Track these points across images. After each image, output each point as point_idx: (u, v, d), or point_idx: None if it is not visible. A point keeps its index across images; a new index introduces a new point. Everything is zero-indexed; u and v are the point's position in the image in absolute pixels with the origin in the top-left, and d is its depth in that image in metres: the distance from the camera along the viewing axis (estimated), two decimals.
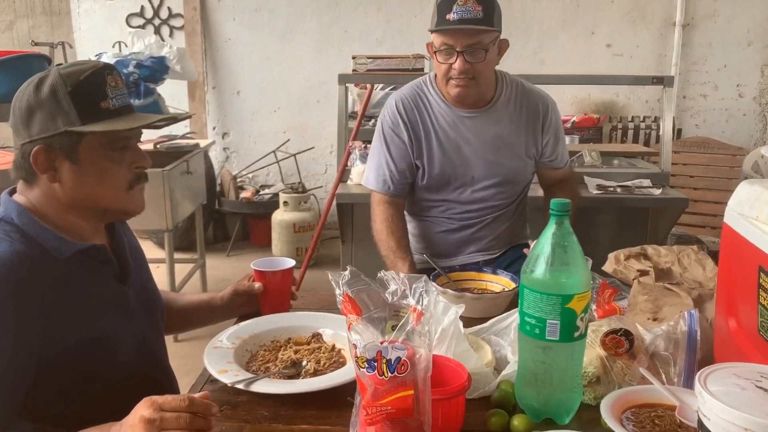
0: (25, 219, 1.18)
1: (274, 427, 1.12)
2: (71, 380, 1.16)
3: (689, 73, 4.97)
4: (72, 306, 1.16)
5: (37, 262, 1.13)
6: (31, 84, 1.19)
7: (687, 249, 1.57)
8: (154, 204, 3.16)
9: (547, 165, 2.14)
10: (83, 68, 1.19)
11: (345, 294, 1.02)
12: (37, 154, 1.16)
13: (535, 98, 2.07)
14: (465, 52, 1.85)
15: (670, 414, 1.08)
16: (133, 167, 1.25)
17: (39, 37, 5.09)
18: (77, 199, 1.21)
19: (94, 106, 1.17)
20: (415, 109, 2.04)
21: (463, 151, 2.03)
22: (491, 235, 2.12)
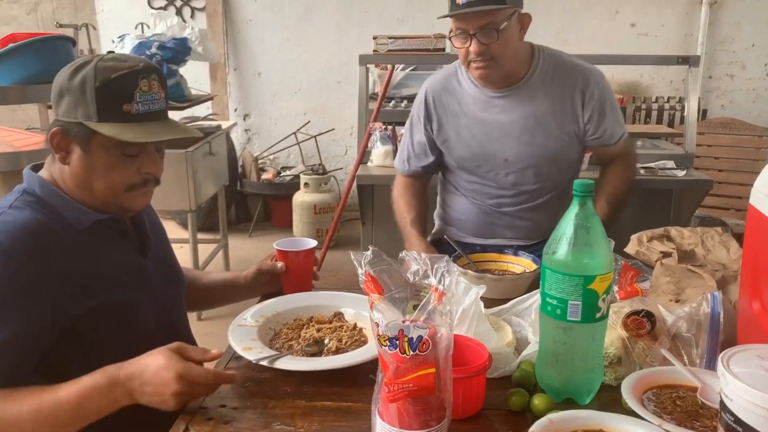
0: (46, 190, 1.23)
1: (298, 403, 1.14)
2: (90, 345, 1.19)
3: (716, 53, 4.87)
4: (90, 273, 1.20)
5: (56, 229, 1.18)
6: (72, 66, 1.21)
7: (711, 231, 1.56)
8: (178, 185, 3.19)
9: (594, 143, 2.00)
10: (121, 66, 1.19)
11: (367, 273, 1.03)
12: (54, 135, 1.21)
13: (574, 71, 1.95)
14: (478, 34, 1.80)
15: (692, 395, 1.08)
16: (143, 171, 1.26)
17: (63, 19, 5.14)
18: (78, 184, 1.24)
19: (115, 107, 1.18)
20: (443, 92, 2.02)
21: (494, 133, 1.96)
22: (531, 222, 2.04)
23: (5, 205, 1.20)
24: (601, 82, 1.97)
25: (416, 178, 2.13)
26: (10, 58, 2.61)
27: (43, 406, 1.07)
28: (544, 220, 2.01)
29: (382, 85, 3.73)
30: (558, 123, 1.94)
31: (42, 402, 1.07)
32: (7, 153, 2.65)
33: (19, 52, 2.61)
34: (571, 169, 2.05)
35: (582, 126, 1.97)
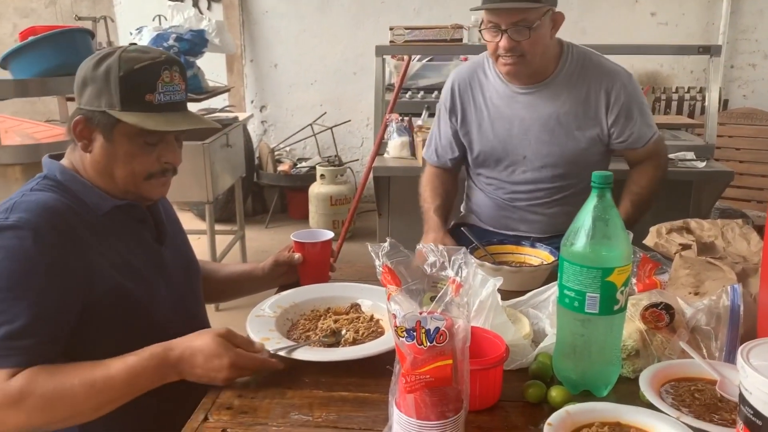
0: (67, 176, 1.26)
1: (315, 393, 1.15)
2: (107, 327, 1.22)
3: (738, 42, 4.80)
4: (110, 256, 1.22)
5: (77, 212, 1.21)
6: (96, 56, 1.24)
7: (731, 223, 1.54)
8: (195, 176, 3.21)
9: (620, 146, 1.97)
10: (143, 57, 1.22)
11: (384, 265, 1.03)
12: (77, 123, 1.24)
13: (600, 73, 1.93)
14: (510, 30, 1.78)
15: (711, 388, 1.07)
16: (162, 161, 1.28)
17: (81, 12, 5.17)
18: (100, 171, 1.26)
19: (138, 97, 1.21)
20: (469, 85, 2.02)
21: (515, 129, 1.95)
22: (545, 218, 2.04)
23: (27, 188, 1.23)
24: (629, 85, 1.94)
25: (445, 170, 2.14)
26: (30, 51, 2.63)
27: (96, 381, 1.11)
28: (558, 215, 2.01)
29: (399, 76, 3.72)
30: (579, 124, 1.93)
31: (95, 377, 1.11)
32: (27, 145, 2.68)
33: (38, 44, 2.63)
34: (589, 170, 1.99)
35: (606, 129, 1.94)
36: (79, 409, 1.11)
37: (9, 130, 2.76)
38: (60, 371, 1.11)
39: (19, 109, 4.29)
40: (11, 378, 1.08)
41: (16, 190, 1.25)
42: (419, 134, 2.97)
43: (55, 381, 1.09)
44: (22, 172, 2.61)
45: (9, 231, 1.12)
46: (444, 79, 3.64)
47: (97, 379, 1.11)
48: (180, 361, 1.14)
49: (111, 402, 1.13)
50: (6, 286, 1.10)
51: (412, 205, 2.08)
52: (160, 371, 1.14)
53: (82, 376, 1.11)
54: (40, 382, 1.08)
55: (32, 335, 1.10)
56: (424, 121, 3.36)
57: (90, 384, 1.10)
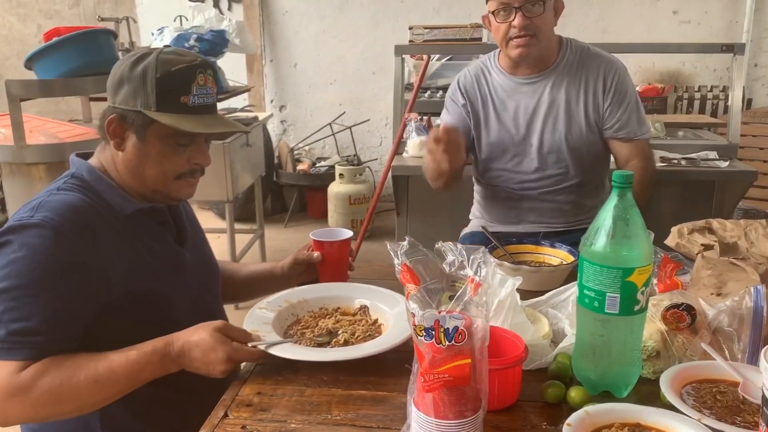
0: (93, 176, 1.28)
1: (334, 391, 1.15)
2: (126, 328, 1.23)
3: (762, 40, 4.73)
4: (130, 257, 1.24)
5: (101, 213, 1.23)
6: (133, 57, 1.26)
7: (754, 223, 1.52)
8: (215, 176, 3.24)
9: (609, 133, 2.01)
10: (180, 59, 1.25)
11: (403, 264, 1.03)
12: (111, 121, 1.25)
13: (598, 62, 2.00)
14: (523, 8, 1.85)
15: (733, 390, 1.06)
16: (192, 161, 1.31)
17: (104, 13, 5.23)
18: (131, 170, 1.28)
19: (174, 98, 1.24)
20: (475, 81, 2.09)
21: (521, 119, 2.03)
22: (553, 206, 2.07)
23: (54, 187, 1.25)
24: (623, 75, 2.02)
25: None
26: (54, 52, 2.68)
27: (101, 377, 1.13)
28: (565, 203, 2.07)
29: (418, 76, 3.72)
30: (582, 111, 2.00)
31: (99, 372, 1.13)
32: (51, 144, 2.72)
33: (62, 45, 2.68)
34: (593, 159, 2.06)
35: (601, 114, 2.00)
36: (83, 403, 1.14)
37: (33, 129, 2.80)
38: (67, 366, 1.13)
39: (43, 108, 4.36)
40: (21, 371, 1.10)
41: (41, 188, 1.27)
42: None
43: (62, 376, 1.11)
44: (45, 171, 2.66)
45: (33, 229, 1.14)
46: None
47: (101, 374, 1.13)
48: (180, 355, 1.17)
49: (115, 395, 1.16)
50: (25, 282, 1.12)
51: (431, 204, 2.08)
52: (162, 365, 1.17)
53: (87, 372, 1.13)
54: (48, 376, 1.11)
55: (45, 332, 1.12)
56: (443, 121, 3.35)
57: (94, 379, 1.13)
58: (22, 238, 1.14)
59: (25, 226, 1.15)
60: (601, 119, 2.01)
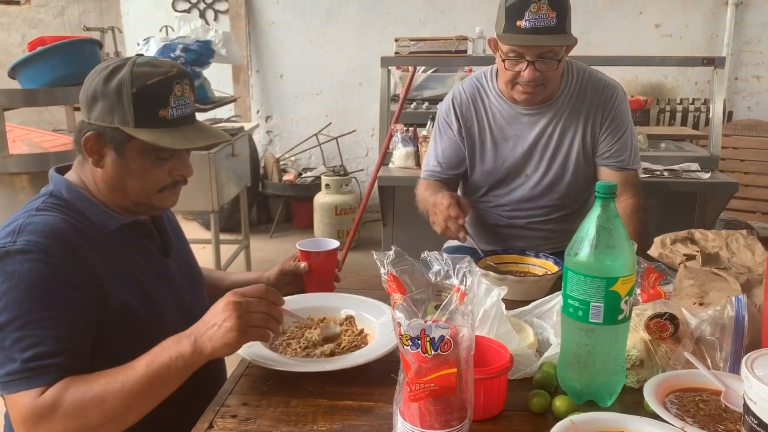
0: (73, 193, 1.25)
1: (320, 401, 1.15)
2: (122, 344, 1.21)
3: (742, 54, 4.81)
4: (118, 273, 1.22)
5: (84, 231, 1.20)
6: (106, 70, 1.22)
7: (736, 233, 1.54)
8: (201, 186, 3.23)
9: (603, 163, 1.94)
10: (156, 72, 1.21)
11: (390, 273, 1.04)
12: (88, 139, 1.22)
13: (598, 88, 1.93)
14: (536, 62, 1.75)
15: (715, 398, 1.07)
16: (175, 173, 1.29)
17: (89, 22, 5.23)
18: (112, 186, 1.26)
19: (152, 113, 1.20)
20: (471, 104, 1.98)
21: (519, 149, 1.95)
22: (542, 234, 2.02)
23: (32, 207, 1.21)
24: (623, 102, 1.94)
25: (442, 182, 2.06)
26: (39, 61, 2.66)
27: (120, 378, 1.10)
28: (556, 232, 2.01)
29: (404, 87, 3.74)
30: (580, 142, 1.93)
31: (119, 375, 1.10)
32: (35, 154, 2.70)
33: (47, 55, 2.66)
34: (586, 189, 2.00)
35: (597, 140, 1.94)
36: (110, 410, 1.09)
37: (17, 139, 2.78)
38: (87, 378, 1.11)
39: (26, 118, 4.33)
40: (42, 394, 1.08)
41: (23, 198, 1.25)
42: (424, 145, 2.98)
43: (84, 387, 1.09)
44: (29, 181, 2.63)
45: (18, 255, 1.11)
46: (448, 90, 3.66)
47: (120, 375, 1.10)
48: (192, 328, 1.14)
49: (140, 397, 1.10)
50: (26, 310, 1.10)
51: (417, 215, 2.08)
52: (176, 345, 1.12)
53: (108, 378, 1.11)
54: (70, 390, 1.08)
55: (59, 354, 1.10)
56: (428, 132, 3.37)
57: (114, 381, 1.10)
58: (8, 266, 1.11)
59: (8, 252, 1.11)
60: (596, 146, 1.95)
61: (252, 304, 1.14)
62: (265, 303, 1.16)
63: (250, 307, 1.13)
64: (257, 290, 1.17)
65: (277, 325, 1.18)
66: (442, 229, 1.75)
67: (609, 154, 1.93)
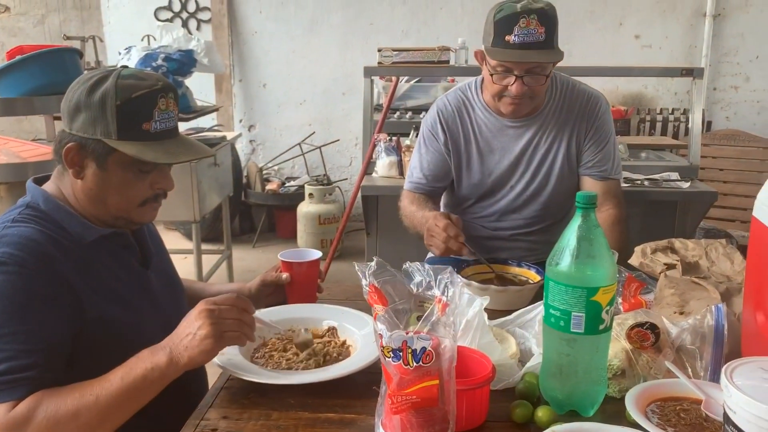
0: (50, 204, 1.23)
1: (301, 414, 1.14)
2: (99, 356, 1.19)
3: (720, 65, 4.88)
4: (96, 285, 1.21)
5: (62, 243, 1.19)
6: (89, 81, 1.21)
7: (715, 242, 1.56)
8: (182, 196, 3.20)
9: (585, 172, 1.96)
10: (141, 85, 1.20)
11: (371, 284, 1.03)
12: (69, 150, 1.21)
13: (582, 100, 1.93)
14: (525, 77, 1.76)
15: (696, 407, 1.08)
16: (156, 187, 1.28)
17: (70, 31, 5.18)
18: (92, 198, 1.25)
19: (135, 126, 1.20)
20: (457, 116, 1.98)
21: (504, 162, 1.95)
22: (526, 245, 2.02)
23: (8, 219, 1.20)
24: (606, 113, 1.96)
25: (426, 195, 2.06)
26: (18, 70, 2.64)
27: (94, 390, 1.09)
28: (539, 243, 2.01)
29: (387, 97, 3.75)
30: (564, 154, 1.94)
31: (93, 388, 1.10)
32: (13, 164, 2.66)
33: (26, 64, 2.64)
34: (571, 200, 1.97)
35: (581, 150, 1.95)
36: (84, 423, 1.08)
37: None
38: (61, 391, 1.10)
39: (5, 127, 4.28)
40: (14, 408, 1.07)
41: (2, 208, 1.23)
42: (407, 154, 2.99)
43: (58, 401, 1.08)
44: (7, 191, 2.59)
45: None
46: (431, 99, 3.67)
47: (95, 388, 1.10)
48: (167, 342, 1.14)
49: (115, 409, 1.10)
50: (0, 323, 1.09)
51: (401, 224, 2.07)
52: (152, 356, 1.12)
53: (82, 391, 1.10)
54: (43, 404, 1.07)
55: (33, 367, 1.09)
56: (411, 141, 3.38)
57: (89, 394, 1.09)
58: None
59: None
60: (579, 155, 1.96)
61: (224, 311, 1.15)
62: (236, 310, 1.17)
63: (223, 314, 1.14)
64: (228, 298, 1.18)
65: (250, 332, 1.19)
66: (441, 251, 1.73)
67: (592, 164, 1.95)
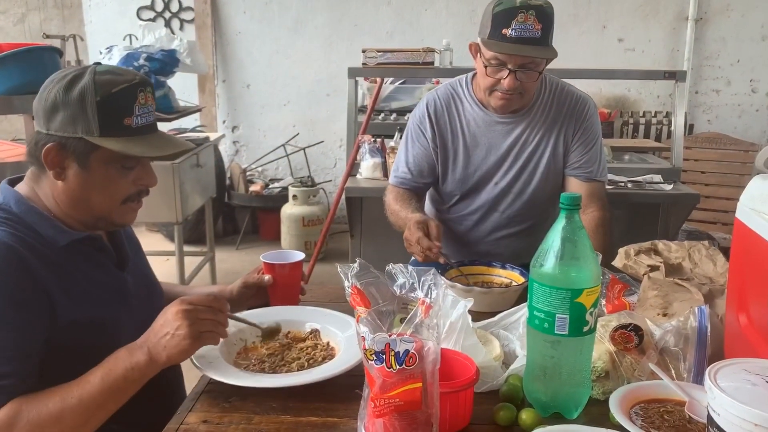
0: (23, 207, 1.20)
1: (283, 418, 1.12)
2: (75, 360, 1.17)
3: (702, 68, 4.93)
4: (70, 289, 1.18)
5: (34, 246, 1.16)
6: (64, 79, 1.18)
7: (698, 244, 1.56)
8: (164, 197, 3.17)
9: (571, 173, 1.96)
10: (119, 80, 1.18)
11: (354, 286, 1.02)
12: (49, 151, 1.17)
13: (571, 101, 1.95)
14: (518, 72, 1.77)
15: (680, 409, 1.08)
16: (139, 183, 1.26)
17: (51, 30, 5.12)
18: (74, 200, 1.22)
19: (117, 121, 1.18)
20: (446, 110, 1.98)
21: (490, 157, 1.95)
22: (511, 250, 2.02)
23: None
24: (594, 116, 1.98)
25: (411, 191, 2.05)
26: None
27: (74, 393, 1.09)
28: (523, 246, 2.00)
29: (371, 98, 3.74)
30: (551, 153, 1.95)
31: (73, 390, 1.10)
32: None
33: (4, 62, 2.60)
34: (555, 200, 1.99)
35: (568, 151, 1.96)
36: (69, 426, 1.08)
37: None
38: (41, 396, 1.08)
39: None
40: None
41: None
42: (391, 156, 2.98)
43: (39, 406, 1.07)
44: None
45: None
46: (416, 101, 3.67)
47: (75, 390, 1.09)
48: (144, 340, 1.15)
49: (97, 410, 1.10)
50: None
51: (385, 226, 2.06)
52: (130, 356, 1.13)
53: (62, 394, 1.09)
54: (23, 411, 1.06)
55: (8, 376, 1.07)
56: (396, 143, 3.37)
57: (70, 397, 1.09)
58: None
59: None
60: (566, 156, 1.96)
61: (201, 311, 1.16)
62: (213, 311, 1.18)
63: (200, 315, 1.16)
64: (204, 299, 1.20)
65: (225, 331, 1.21)
66: (421, 258, 1.74)
67: (578, 164, 1.96)
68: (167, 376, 1.36)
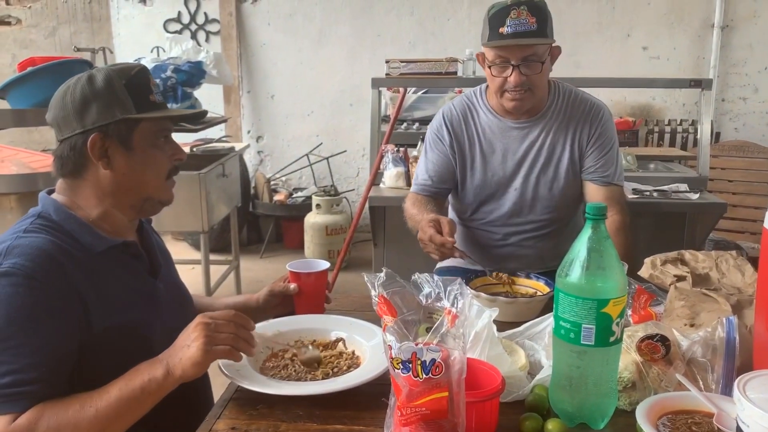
0: (62, 215, 1.24)
1: (309, 426, 1.14)
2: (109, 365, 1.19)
3: (728, 76, 4.87)
4: (105, 295, 1.21)
5: (72, 253, 1.19)
6: (81, 79, 1.25)
7: (725, 254, 1.55)
8: (190, 206, 3.21)
9: (588, 178, 1.99)
10: (128, 66, 1.29)
11: (380, 295, 1.03)
12: (93, 142, 1.23)
13: (585, 107, 1.98)
14: (521, 65, 1.82)
15: (708, 421, 1.07)
16: (173, 158, 1.34)
17: (80, 43, 5.23)
18: (124, 186, 1.28)
19: (144, 98, 1.27)
20: (462, 120, 2.03)
21: (507, 163, 1.99)
22: (535, 252, 2.04)
23: (20, 229, 1.20)
24: (608, 121, 2.01)
25: (431, 197, 2.08)
26: (29, 81, 2.65)
27: (94, 403, 1.11)
28: (546, 250, 2.03)
29: (395, 108, 3.76)
30: (568, 158, 1.98)
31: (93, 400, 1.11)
32: (24, 174, 2.68)
33: (37, 75, 2.65)
34: (575, 205, 2.05)
35: (584, 156, 1.99)
36: None
37: (5, 159, 2.76)
38: (62, 405, 1.10)
39: (16, 138, 4.31)
40: (16, 420, 1.07)
41: (12, 219, 1.24)
42: (414, 165, 2.99)
43: (59, 414, 1.08)
44: (17, 201, 2.61)
45: (4, 278, 1.10)
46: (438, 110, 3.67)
47: (94, 401, 1.11)
48: (165, 355, 1.16)
49: (114, 420, 1.11)
50: (6, 335, 1.09)
51: (408, 235, 2.07)
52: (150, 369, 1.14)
53: (82, 403, 1.10)
54: (45, 416, 1.08)
55: (36, 381, 1.09)
56: (419, 152, 3.38)
57: (89, 406, 1.10)
58: None
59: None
60: (582, 160, 1.99)
61: (220, 325, 1.17)
62: (233, 325, 1.19)
63: (218, 328, 1.17)
64: (226, 313, 1.21)
65: (247, 347, 1.20)
66: (439, 256, 1.77)
67: (594, 168, 1.98)
68: (195, 383, 1.38)
